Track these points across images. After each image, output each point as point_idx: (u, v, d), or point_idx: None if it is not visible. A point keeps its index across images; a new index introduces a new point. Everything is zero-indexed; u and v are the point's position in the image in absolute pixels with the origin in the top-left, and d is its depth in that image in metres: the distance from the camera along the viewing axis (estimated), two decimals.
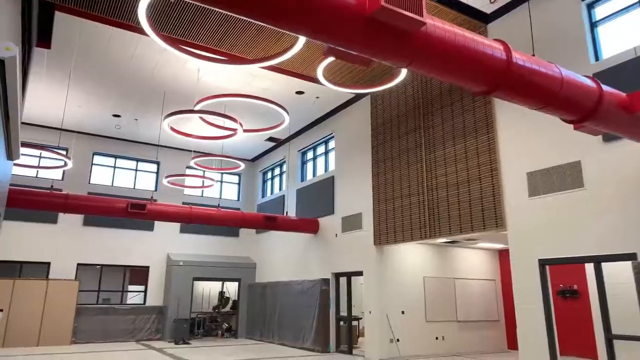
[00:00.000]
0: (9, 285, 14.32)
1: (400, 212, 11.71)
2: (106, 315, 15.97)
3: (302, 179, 16.84)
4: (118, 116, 15.30)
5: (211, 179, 15.23)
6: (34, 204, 11.06)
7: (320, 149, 16.31)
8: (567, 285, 12.80)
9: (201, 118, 11.30)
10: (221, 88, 12.86)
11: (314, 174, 16.33)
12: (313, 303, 14.03)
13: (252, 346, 14.92)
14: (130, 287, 17.89)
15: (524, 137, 9.04)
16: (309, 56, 11.02)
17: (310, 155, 16.85)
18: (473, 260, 14.48)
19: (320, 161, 16.22)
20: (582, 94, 4.91)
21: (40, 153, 16.09)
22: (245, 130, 11.45)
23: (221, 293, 19.86)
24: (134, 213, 11.91)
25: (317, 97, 13.75)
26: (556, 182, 8.28)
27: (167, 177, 14.70)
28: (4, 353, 12.53)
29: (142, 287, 17.37)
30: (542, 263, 8.35)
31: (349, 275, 13.56)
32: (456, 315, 13.51)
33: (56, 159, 15.07)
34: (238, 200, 20.16)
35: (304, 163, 17.06)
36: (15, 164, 14.01)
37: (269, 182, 19.63)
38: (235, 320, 18.35)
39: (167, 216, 12.61)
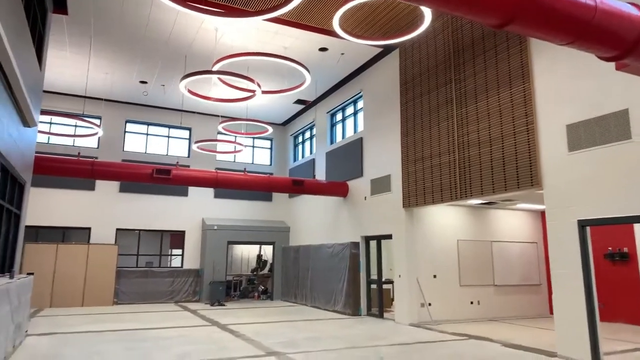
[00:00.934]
0: (53, 250, 15.00)
1: (430, 173, 11.08)
2: (145, 278, 16.53)
3: (332, 141, 16.37)
4: (145, 82, 15.28)
5: (240, 144, 15.07)
6: (62, 170, 11.29)
7: (349, 110, 15.70)
8: (616, 247, 11.87)
9: (220, 80, 10.98)
10: (240, 48, 12.43)
11: (343, 136, 15.81)
12: (343, 266, 13.82)
13: (284, 308, 15.03)
14: (170, 251, 18.40)
15: (563, 86, 8.11)
16: (330, 8, 10.34)
17: (339, 117, 16.28)
18: (512, 222, 13.69)
19: (350, 123, 15.64)
20: (621, 23, 4.12)
21: (76, 123, 16.46)
22: (264, 92, 11.04)
23: (259, 256, 20.13)
24: (160, 178, 11.95)
25: (342, 54, 13.05)
26: (599, 134, 7.39)
27: (196, 142, 14.65)
28: (52, 313, 13.23)
29: (179, 251, 17.80)
30: (582, 224, 7.60)
31: (378, 238, 13.18)
32: (493, 280, 12.92)
33: (88, 127, 15.35)
34: (270, 165, 20.01)
35: (333, 125, 16.55)
36: (51, 133, 14.37)
37: (300, 146, 19.30)
38: (271, 282, 18.56)
39: (193, 181, 12.59)
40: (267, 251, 19.79)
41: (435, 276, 12.15)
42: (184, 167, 16.56)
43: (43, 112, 12.91)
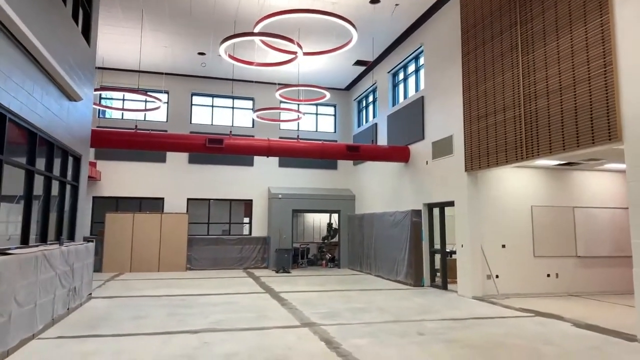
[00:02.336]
0: (130, 219, 16.04)
1: (494, 131, 9.84)
2: (215, 246, 17.15)
3: (394, 103, 15.37)
4: (203, 54, 15.39)
5: (299, 112, 14.71)
6: (121, 143, 11.78)
7: (411, 68, 14.54)
8: None
9: (263, 42, 10.55)
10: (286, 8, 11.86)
11: (405, 96, 14.74)
12: (404, 235, 13.10)
13: (347, 277, 14.72)
14: (240, 220, 18.87)
15: None
16: None
17: (401, 76, 15.18)
18: (600, 186, 11.91)
19: (412, 82, 14.51)
20: None
21: (146, 98, 17.18)
22: (306, 54, 10.42)
23: (329, 224, 19.99)
24: (212, 148, 12.01)
25: (397, 5, 11.94)
26: None
27: (255, 111, 14.54)
28: (129, 277, 14.22)
29: (247, 220, 18.19)
30: None
31: (441, 205, 12.21)
32: (575, 250, 11.43)
33: (151, 101, 15.92)
34: (334, 132, 19.48)
35: (395, 86, 15.50)
36: (122, 109, 15.08)
37: (363, 111, 18.48)
38: (338, 251, 18.35)
39: (245, 149, 12.52)
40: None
41: (504, 246, 11.00)
42: (249, 137, 16.65)
43: (107, 88, 13.57)
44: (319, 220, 21.39)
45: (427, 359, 5.61)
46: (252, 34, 9.79)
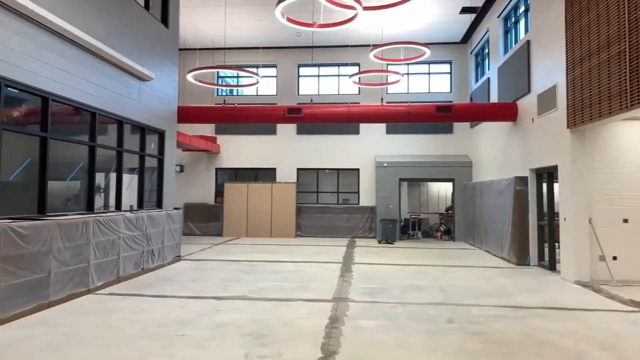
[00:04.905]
0: (245, 188, 17.23)
1: (598, 75, 7.66)
2: (324, 214, 17.38)
3: (506, 51, 13.16)
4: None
5: (396, 73, 13.73)
6: (209, 117, 12.57)
7: (522, 8, 12.18)
8: None
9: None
10: None
11: (514, 43, 12.48)
12: (508, 206, 11.34)
13: (454, 251, 13.45)
14: (353, 189, 18.71)
15: None
16: None
17: (514, 20, 12.86)
18: None
19: (523, 26, 12.18)
20: None
21: (258, 72, 17.97)
22: (365, 8, 9.44)
23: (454, 194, 18.52)
24: (291, 117, 11.99)
25: None
26: None
27: (350, 76, 14.06)
28: (242, 242, 15.41)
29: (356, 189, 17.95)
30: None
31: (548, 171, 10.17)
32: None
33: (248, 77, 16.53)
34: (450, 91, 17.68)
35: (506, 32, 13.23)
36: (239, 86, 16.03)
37: (480, 65, 16.31)
38: (453, 223, 16.93)
39: (324, 117, 12.19)
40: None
41: (626, 220, 8.69)
42: (354, 104, 16.20)
43: (201, 68, 14.44)
44: (444, 190, 19.95)
45: (419, 351, 4.75)
46: None
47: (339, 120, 12.40)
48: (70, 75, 7.19)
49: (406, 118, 12.25)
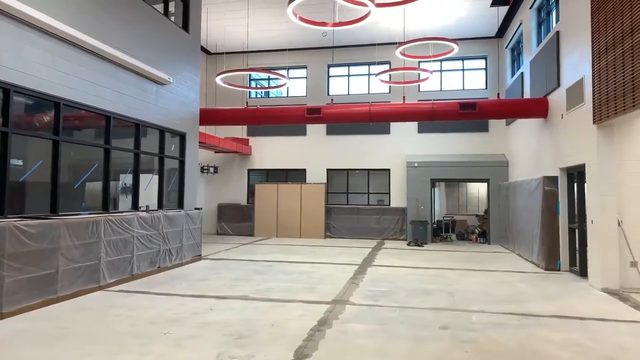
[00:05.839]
0: (275, 189, 17.38)
1: (622, 63, 7.06)
2: (353, 215, 17.19)
3: (538, 44, 12.44)
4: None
5: (426, 70, 13.39)
6: (231, 119, 12.77)
7: None
8: None
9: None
10: None
11: (548, 32, 11.77)
12: (537, 208, 10.71)
13: (485, 254, 12.89)
14: (383, 190, 18.42)
15: None
16: None
17: (547, 9, 12.14)
18: None
19: (554, 15, 11.46)
20: None
21: (287, 74, 18.11)
22: (378, 5, 9.22)
23: (489, 195, 17.79)
24: (311, 118, 11.94)
25: None
26: None
27: (377, 75, 13.85)
28: (270, 242, 15.56)
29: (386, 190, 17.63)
30: None
31: (577, 171, 9.51)
32: None
33: (276, 79, 16.62)
34: (486, 88, 16.96)
35: (539, 24, 12.51)
36: (265, 88, 16.25)
37: (516, 60, 15.53)
38: (488, 225, 16.23)
39: (344, 117, 12.04)
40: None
41: None
42: (384, 103, 15.93)
43: (229, 70, 14.70)
44: (484, 191, 19.20)
45: (395, 358, 4.56)
46: None
47: (360, 120, 12.21)
48: (83, 80, 7.54)
49: (429, 116, 11.86)
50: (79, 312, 6.17)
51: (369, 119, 12.05)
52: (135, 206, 9.21)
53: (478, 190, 19.85)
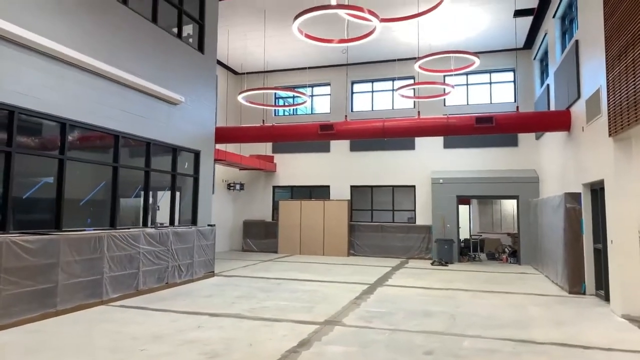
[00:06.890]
0: (298, 206, 17.38)
1: (632, 71, 6.58)
2: (377, 233, 16.86)
3: (561, 54, 11.88)
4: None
5: (447, 85, 13.13)
6: (246, 137, 12.91)
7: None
8: None
9: (350, 15, 9.80)
10: None
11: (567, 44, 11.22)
12: (560, 226, 10.09)
13: (511, 275, 12.24)
14: (409, 207, 18.01)
15: None
16: None
17: (570, 17, 11.60)
18: None
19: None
20: None
21: (312, 92, 18.23)
22: (383, 20, 9.12)
23: (518, 212, 17.03)
24: (324, 134, 11.90)
25: None
26: None
27: (398, 89, 13.69)
28: (292, 259, 15.52)
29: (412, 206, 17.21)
30: None
31: (600, 187, 8.89)
32: None
33: (297, 97, 16.72)
34: (514, 101, 16.33)
35: (564, 33, 11.96)
36: (285, 106, 16.44)
37: (545, 72, 14.89)
38: (518, 244, 15.46)
39: (358, 132, 11.91)
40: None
41: None
42: (399, 118, 15.68)
43: (250, 89, 14.95)
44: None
45: None
46: (325, 7, 9.25)
47: (374, 135, 12.04)
48: (89, 101, 7.88)
49: (443, 131, 11.54)
50: (70, 326, 6.34)
51: (383, 135, 11.86)
52: (145, 222, 9.45)
53: (513, 207, 19.01)
